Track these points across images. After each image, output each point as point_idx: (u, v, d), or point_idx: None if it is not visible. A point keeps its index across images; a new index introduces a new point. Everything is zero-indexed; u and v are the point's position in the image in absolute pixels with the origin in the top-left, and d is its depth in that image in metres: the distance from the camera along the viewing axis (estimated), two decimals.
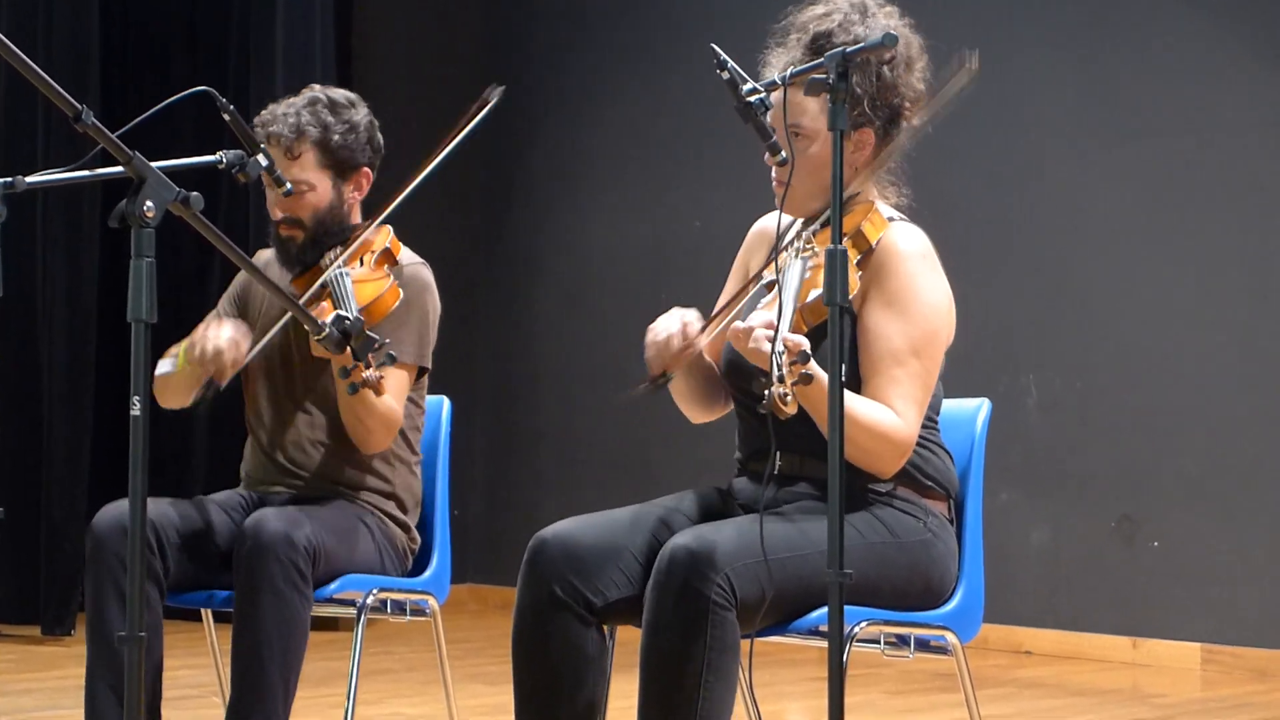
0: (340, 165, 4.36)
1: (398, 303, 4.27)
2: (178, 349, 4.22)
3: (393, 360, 3.99)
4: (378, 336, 3.93)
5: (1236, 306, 6.98)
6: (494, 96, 4.26)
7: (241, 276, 4.49)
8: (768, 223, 3.84)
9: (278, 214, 4.35)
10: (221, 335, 4.12)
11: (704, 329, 3.52)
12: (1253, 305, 6.94)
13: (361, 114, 4.40)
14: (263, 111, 4.40)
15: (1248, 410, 6.92)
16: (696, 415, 3.79)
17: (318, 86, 4.44)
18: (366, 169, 4.41)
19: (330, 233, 4.36)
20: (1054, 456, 7.37)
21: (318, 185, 4.34)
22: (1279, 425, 6.85)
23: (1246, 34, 7.03)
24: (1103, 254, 7.29)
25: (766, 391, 3.11)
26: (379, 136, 4.44)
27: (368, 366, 3.92)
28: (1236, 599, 6.90)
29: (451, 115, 4.32)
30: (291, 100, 4.38)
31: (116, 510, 4.07)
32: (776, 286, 3.37)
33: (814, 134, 3.55)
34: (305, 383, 4.36)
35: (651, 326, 3.51)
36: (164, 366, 4.22)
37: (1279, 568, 6.81)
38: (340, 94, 4.41)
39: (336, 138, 4.33)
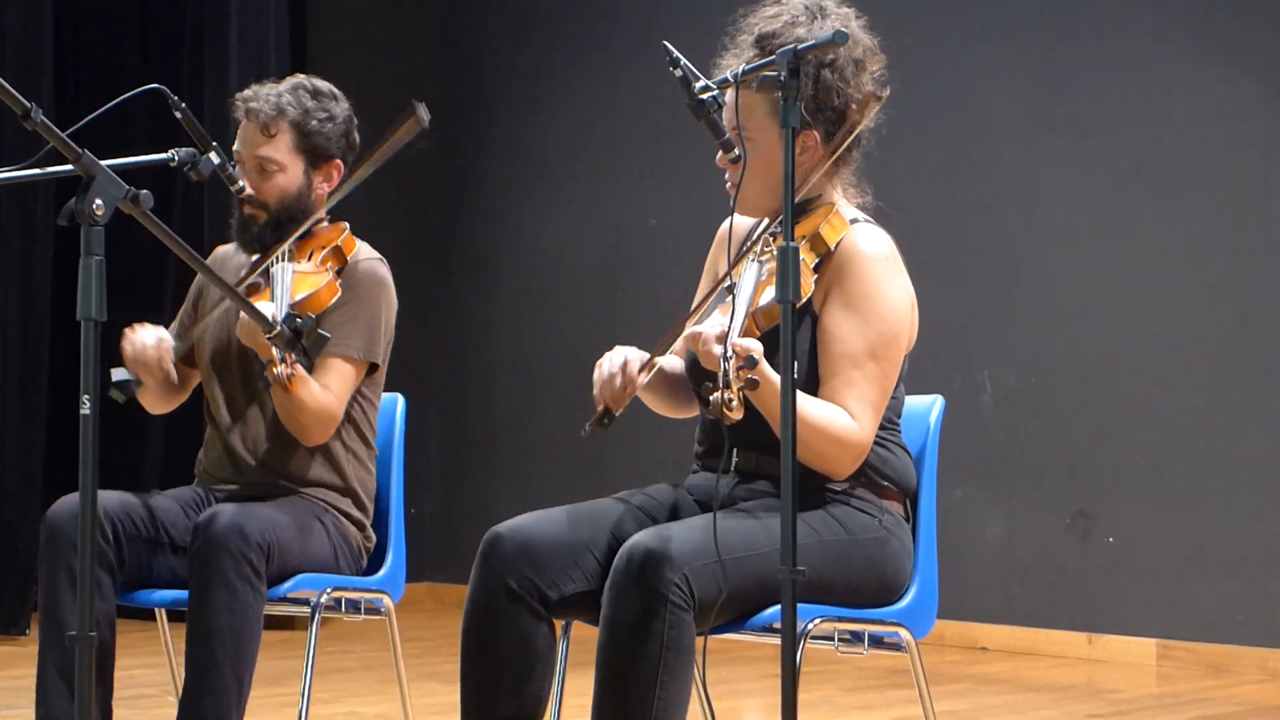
0: (313, 152, 4.36)
1: (335, 298, 4.26)
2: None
3: (317, 350, 3.93)
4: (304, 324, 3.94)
5: (1188, 302, 7.00)
6: (424, 118, 4.02)
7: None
8: (736, 224, 3.82)
9: (246, 191, 4.34)
10: (142, 339, 4.19)
11: (644, 367, 3.49)
12: (1204, 300, 6.97)
13: (342, 107, 4.42)
14: (245, 90, 4.41)
15: (1201, 405, 6.94)
16: (669, 414, 3.80)
17: (302, 75, 4.46)
18: (339, 162, 4.40)
19: (294, 218, 4.34)
20: (1009, 452, 7.39)
21: (289, 167, 4.34)
22: (1232, 420, 6.88)
23: (1197, 31, 7.05)
24: (1056, 250, 7.31)
25: (711, 397, 3.12)
26: (355, 134, 4.44)
27: (293, 360, 3.94)
28: (1191, 594, 6.93)
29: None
30: (276, 83, 4.41)
31: (71, 501, 4.06)
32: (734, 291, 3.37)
33: (758, 135, 3.54)
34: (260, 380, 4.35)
35: (598, 363, 3.49)
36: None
37: (1233, 562, 6.84)
38: (325, 85, 4.43)
39: (314, 123, 4.34)
